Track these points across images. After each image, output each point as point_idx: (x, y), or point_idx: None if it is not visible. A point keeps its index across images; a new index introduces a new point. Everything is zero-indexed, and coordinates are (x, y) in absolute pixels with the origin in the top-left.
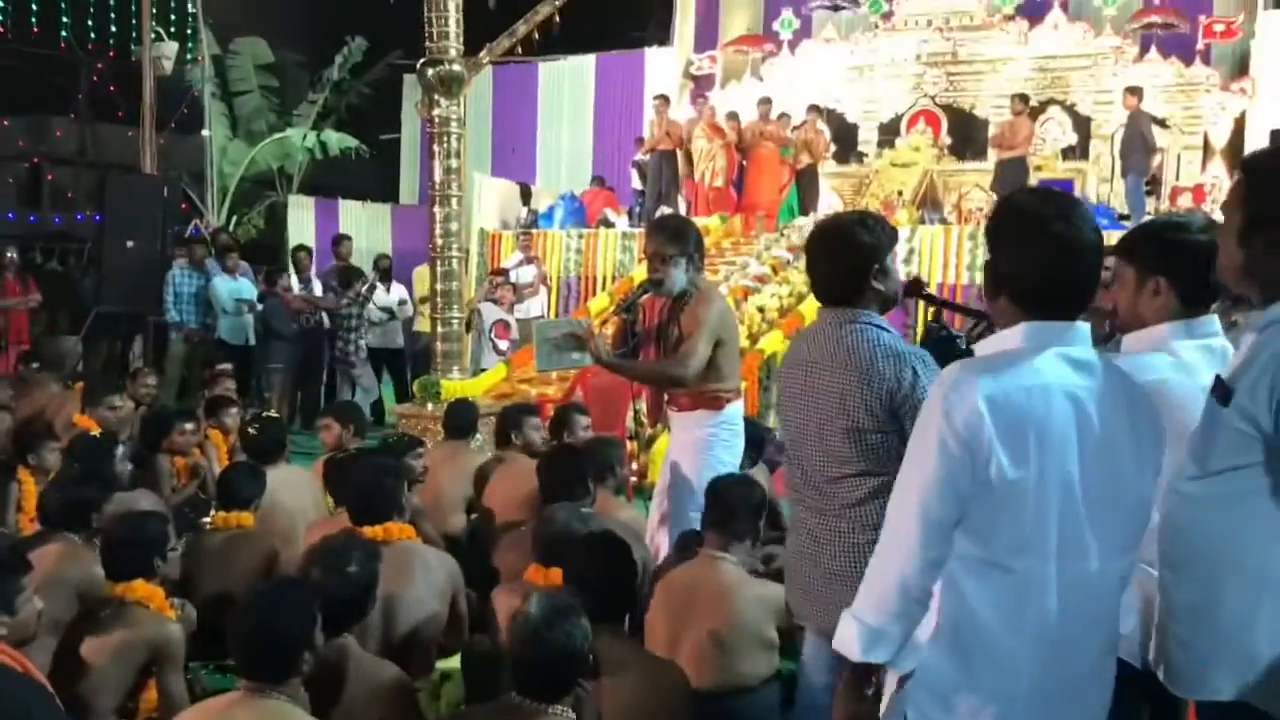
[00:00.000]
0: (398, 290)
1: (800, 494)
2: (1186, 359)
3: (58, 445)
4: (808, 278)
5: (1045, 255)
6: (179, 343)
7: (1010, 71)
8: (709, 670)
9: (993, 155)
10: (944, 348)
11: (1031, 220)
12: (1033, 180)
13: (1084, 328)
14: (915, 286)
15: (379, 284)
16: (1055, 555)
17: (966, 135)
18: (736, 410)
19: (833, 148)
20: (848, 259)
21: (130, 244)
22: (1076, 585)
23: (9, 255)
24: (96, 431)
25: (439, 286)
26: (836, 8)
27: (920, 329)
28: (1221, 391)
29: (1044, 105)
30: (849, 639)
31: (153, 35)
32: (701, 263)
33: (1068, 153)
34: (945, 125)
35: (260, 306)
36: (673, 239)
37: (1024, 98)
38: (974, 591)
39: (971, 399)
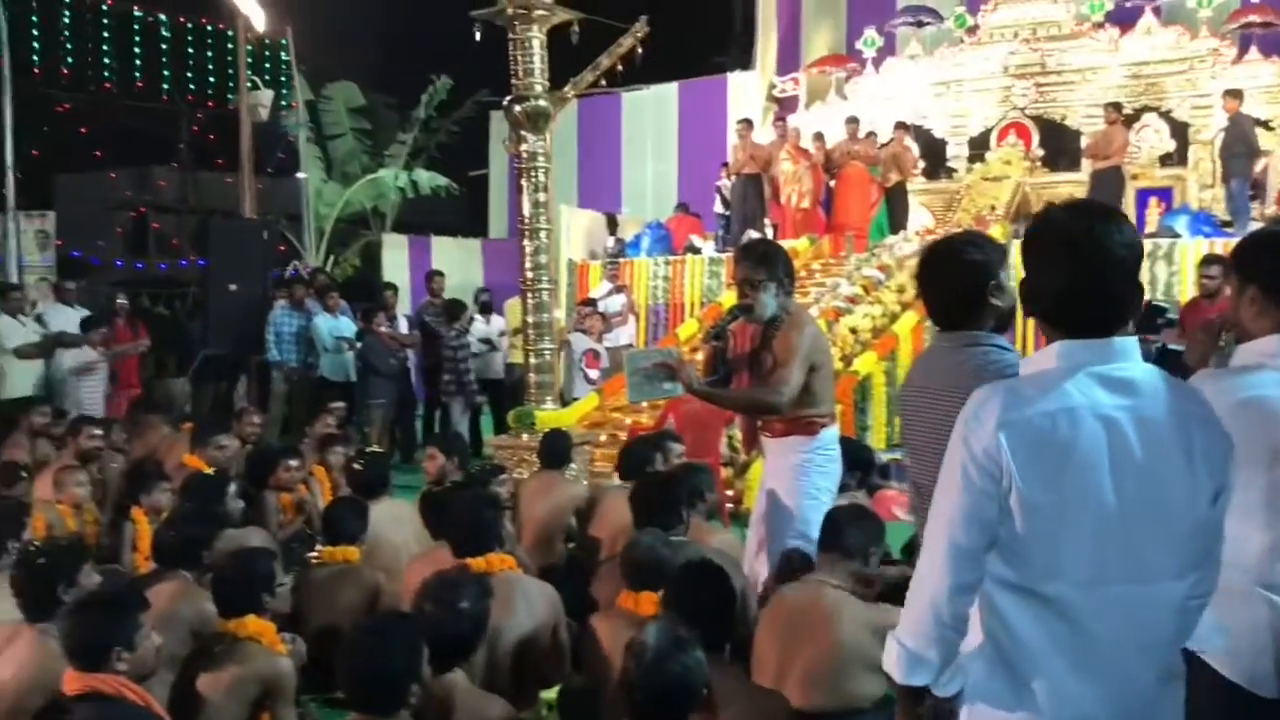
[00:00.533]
0: (497, 322)
1: (922, 518)
2: None
3: (169, 486)
4: (922, 303)
5: (1070, 271)
6: (280, 381)
7: (1102, 80)
8: (819, 692)
9: (1086, 165)
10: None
11: (1057, 236)
12: (1130, 189)
13: (1126, 344)
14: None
15: (478, 315)
16: (1091, 581)
17: (1059, 146)
18: (832, 435)
19: (921, 164)
20: (961, 280)
21: (233, 287)
22: (1119, 611)
23: (119, 301)
24: (208, 470)
25: (530, 319)
26: (920, 24)
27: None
28: None
29: (1139, 113)
30: (892, 661)
31: (249, 84)
32: (792, 287)
33: (1165, 160)
34: (1036, 137)
35: (359, 344)
36: (761, 263)
37: (1117, 106)
38: (1013, 613)
39: (989, 426)
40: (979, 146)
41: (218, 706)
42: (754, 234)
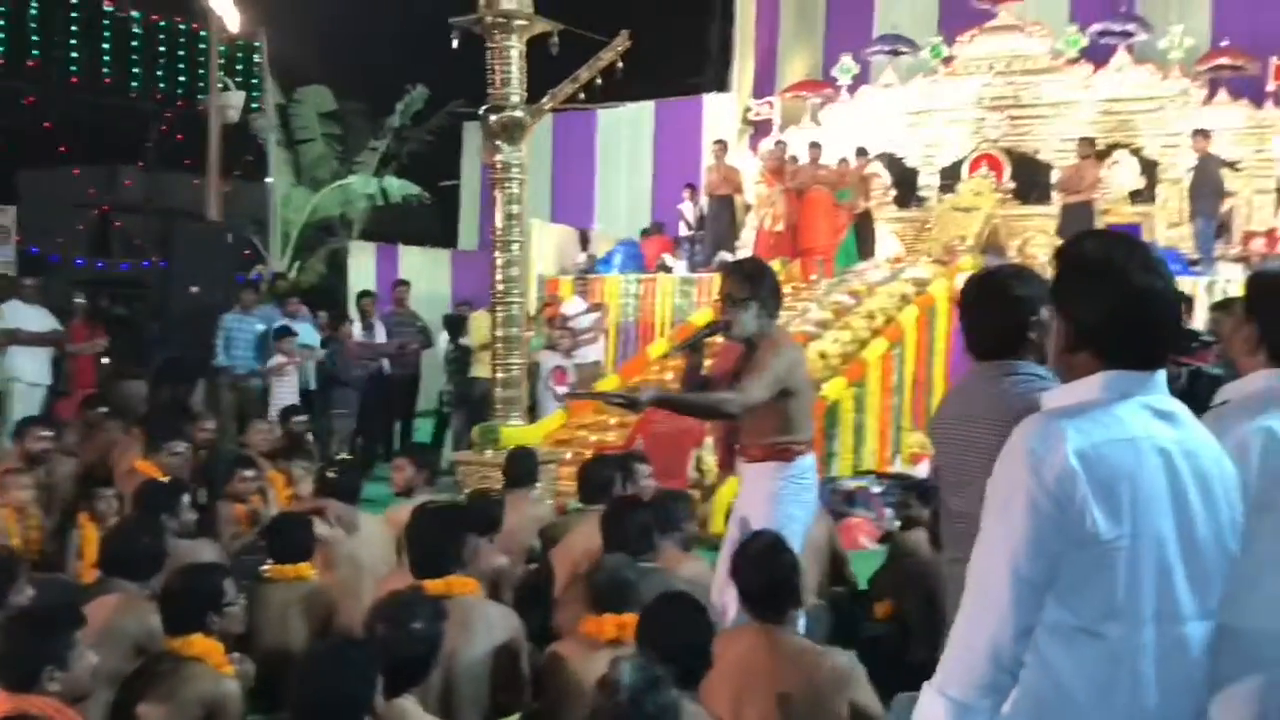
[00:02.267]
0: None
1: (963, 551)
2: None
3: (114, 492)
4: (964, 333)
5: (1118, 302)
6: (228, 389)
7: (1074, 115)
8: None
9: (1057, 199)
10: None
11: (1102, 267)
12: (1100, 224)
13: (1162, 377)
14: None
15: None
16: (1150, 620)
17: (1030, 179)
18: (808, 463)
19: (892, 192)
20: (1005, 313)
21: (195, 289)
22: (1171, 652)
23: (77, 300)
24: (161, 477)
25: (500, 332)
26: (896, 53)
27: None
28: None
29: (1110, 149)
30: (935, 717)
31: (220, 85)
32: (775, 309)
33: (1135, 196)
34: (1008, 169)
35: (323, 352)
36: (745, 281)
37: (1090, 141)
38: (1061, 661)
39: (1062, 451)
40: (950, 177)
41: None
42: (726, 255)
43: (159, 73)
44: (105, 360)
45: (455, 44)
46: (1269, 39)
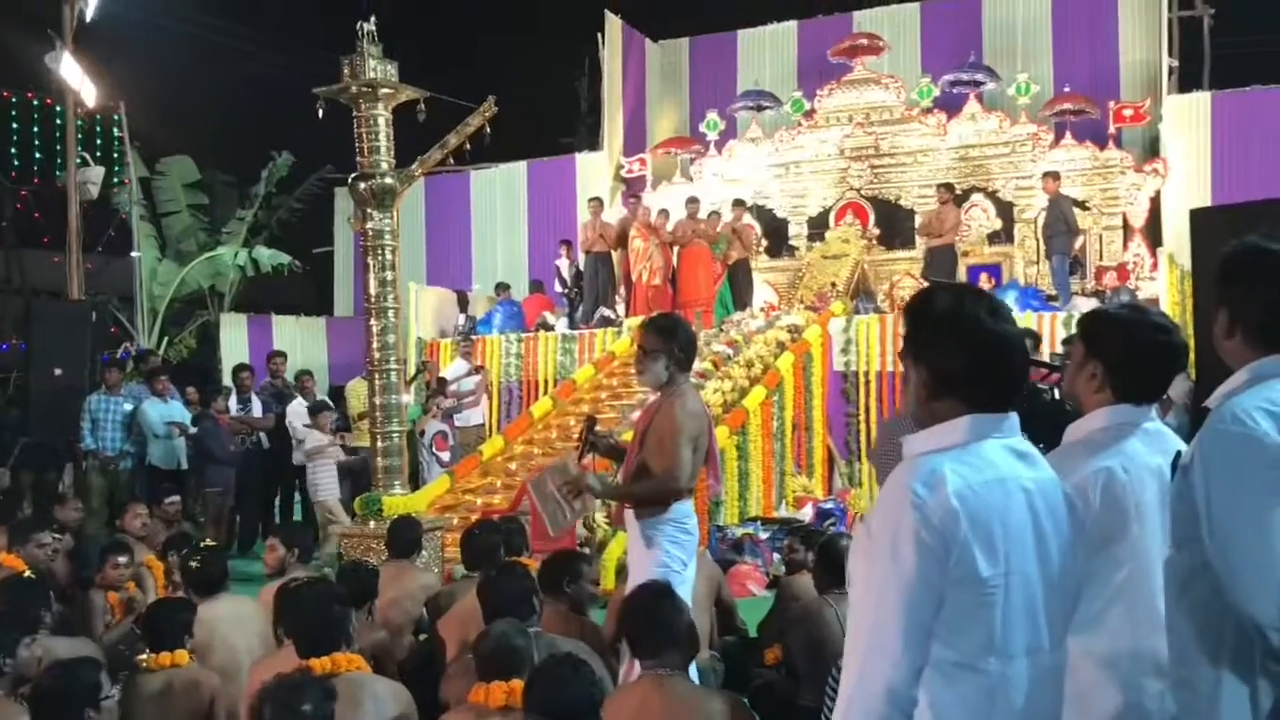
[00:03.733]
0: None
1: None
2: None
3: None
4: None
5: (973, 350)
6: (97, 472)
7: (932, 162)
8: None
9: (921, 243)
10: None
11: (958, 318)
12: (961, 265)
13: (1015, 418)
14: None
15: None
16: (1021, 653)
17: (894, 225)
18: (685, 508)
19: (764, 243)
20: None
21: (58, 371)
22: (1037, 682)
23: None
24: (23, 569)
25: (378, 400)
26: (760, 108)
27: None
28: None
29: (967, 193)
30: None
31: (79, 160)
32: (687, 363)
33: (993, 238)
34: (873, 216)
35: (194, 430)
36: (659, 334)
37: (949, 186)
38: (942, 696)
39: (943, 492)
40: (818, 225)
41: None
42: (605, 311)
43: (13, 150)
44: None
45: (321, 114)
46: (1106, 85)
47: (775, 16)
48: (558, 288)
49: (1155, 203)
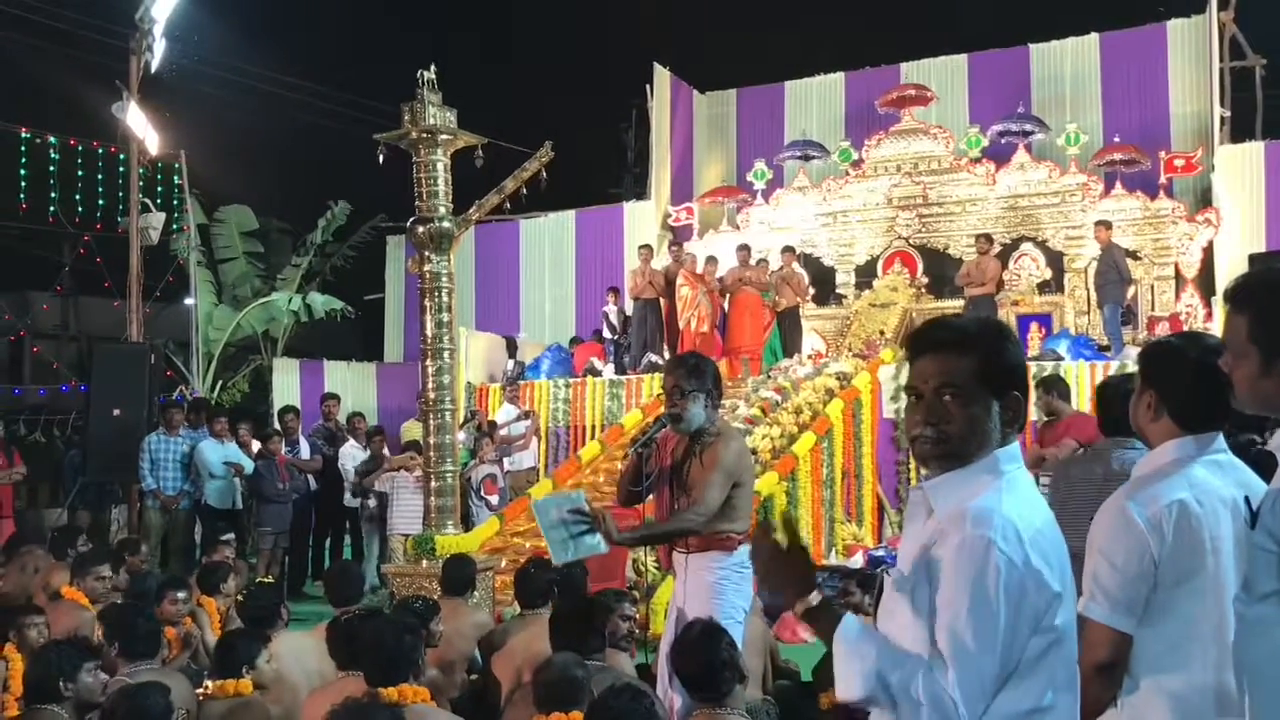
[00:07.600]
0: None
1: None
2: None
3: (42, 620)
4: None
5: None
6: (156, 511)
7: (981, 211)
8: None
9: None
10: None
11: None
12: (1012, 315)
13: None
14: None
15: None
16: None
17: (942, 274)
18: (746, 551)
19: (811, 290)
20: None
21: (116, 412)
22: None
23: None
24: (86, 603)
25: (432, 440)
26: (807, 157)
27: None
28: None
29: (1016, 242)
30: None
31: (140, 207)
32: (719, 400)
33: (1043, 287)
34: (921, 265)
35: (249, 471)
36: (692, 374)
37: (988, 237)
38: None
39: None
40: (866, 274)
41: None
42: (653, 356)
43: (77, 196)
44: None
45: (381, 159)
46: (1156, 135)
47: (822, 68)
48: (606, 334)
49: (1208, 253)
